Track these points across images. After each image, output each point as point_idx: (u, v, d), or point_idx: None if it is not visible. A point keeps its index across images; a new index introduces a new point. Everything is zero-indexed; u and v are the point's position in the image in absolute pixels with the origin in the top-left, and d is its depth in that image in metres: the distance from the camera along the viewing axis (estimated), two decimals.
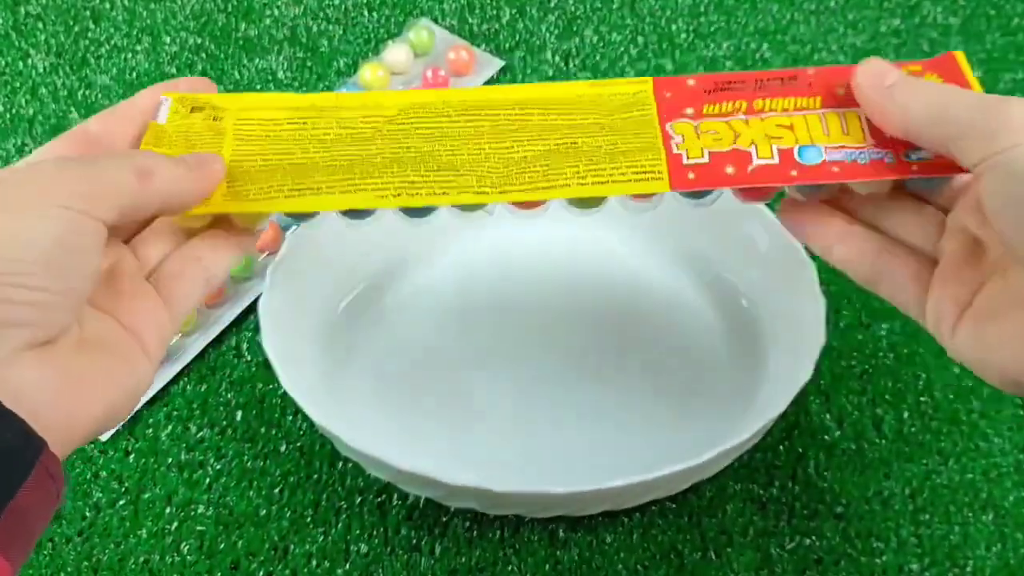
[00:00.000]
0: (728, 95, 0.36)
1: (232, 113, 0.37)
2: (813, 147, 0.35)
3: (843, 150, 0.35)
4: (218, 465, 0.48)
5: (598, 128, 0.36)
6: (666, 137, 0.36)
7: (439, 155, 0.36)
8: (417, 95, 0.38)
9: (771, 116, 0.36)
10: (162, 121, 0.36)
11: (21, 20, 0.69)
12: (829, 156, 0.35)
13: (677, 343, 0.50)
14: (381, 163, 0.36)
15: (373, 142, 0.36)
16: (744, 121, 0.36)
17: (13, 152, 0.61)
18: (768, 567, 0.44)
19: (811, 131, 0.35)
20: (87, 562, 0.45)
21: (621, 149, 0.35)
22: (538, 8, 0.69)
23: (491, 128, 0.36)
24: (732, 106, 0.36)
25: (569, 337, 0.51)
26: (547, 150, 0.36)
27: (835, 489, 0.47)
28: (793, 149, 0.35)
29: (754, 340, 0.49)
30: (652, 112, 0.36)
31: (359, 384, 0.49)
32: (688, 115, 0.36)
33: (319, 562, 0.45)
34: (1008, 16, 0.68)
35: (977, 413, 0.49)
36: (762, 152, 0.35)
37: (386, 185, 0.35)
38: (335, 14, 0.69)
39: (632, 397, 0.48)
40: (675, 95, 0.37)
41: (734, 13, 0.68)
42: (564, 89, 0.37)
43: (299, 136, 0.37)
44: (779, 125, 0.36)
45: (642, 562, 0.45)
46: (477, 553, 0.45)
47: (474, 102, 0.37)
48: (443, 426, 0.47)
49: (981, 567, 0.44)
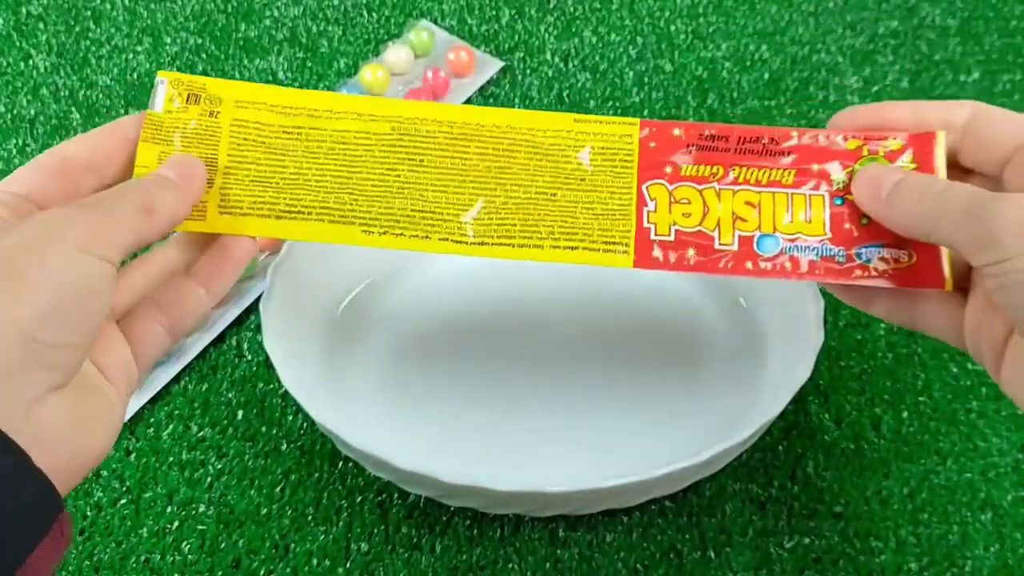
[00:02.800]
0: (708, 157, 0.38)
1: (228, 107, 0.37)
2: (772, 236, 0.37)
3: (798, 243, 0.37)
4: (219, 464, 0.48)
5: (578, 180, 0.37)
6: (640, 202, 0.37)
7: (425, 190, 0.37)
8: (410, 108, 0.38)
9: (743, 190, 0.37)
10: (158, 108, 0.37)
11: (22, 20, 0.69)
12: (786, 248, 0.36)
13: (676, 343, 0.50)
14: (370, 191, 0.37)
15: (364, 163, 0.37)
16: (716, 192, 0.37)
17: (14, 152, 0.61)
18: (767, 566, 0.44)
19: (776, 215, 0.37)
20: (88, 561, 0.45)
21: (596, 210, 0.37)
22: (537, 9, 0.69)
23: (478, 160, 0.37)
24: (709, 171, 0.37)
25: (569, 337, 0.51)
26: (527, 198, 0.37)
27: (834, 489, 0.47)
28: (754, 237, 0.37)
29: (753, 340, 0.49)
30: (633, 166, 0.38)
31: (359, 384, 0.49)
32: (666, 175, 0.37)
33: (320, 560, 0.45)
34: (1006, 18, 0.68)
35: (976, 413, 0.49)
36: (724, 238, 0.37)
37: (373, 220, 0.37)
38: (335, 15, 0.69)
39: (632, 397, 0.48)
40: (659, 146, 0.38)
41: (733, 14, 0.68)
42: (552, 120, 0.38)
43: (292, 147, 0.37)
44: (747, 203, 0.37)
45: (642, 561, 0.45)
46: (477, 552, 0.45)
47: (464, 126, 0.38)
48: (443, 425, 0.48)
49: (979, 567, 0.44)
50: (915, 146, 0.36)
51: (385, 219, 0.37)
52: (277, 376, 0.44)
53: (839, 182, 0.37)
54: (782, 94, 0.63)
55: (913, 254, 0.36)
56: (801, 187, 0.37)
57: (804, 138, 0.37)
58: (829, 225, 0.36)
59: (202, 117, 0.37)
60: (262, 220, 0.36)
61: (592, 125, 0.38)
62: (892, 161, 0.36)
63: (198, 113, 0.37)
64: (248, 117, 0.37)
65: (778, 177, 0.37)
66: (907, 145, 0.36)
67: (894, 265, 0.36)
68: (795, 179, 0.37)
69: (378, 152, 0.37)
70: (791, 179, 0.37)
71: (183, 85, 0.37)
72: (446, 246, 0.36)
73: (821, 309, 0.45)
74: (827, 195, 0.37)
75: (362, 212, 0.37)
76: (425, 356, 0.50)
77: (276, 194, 0.37)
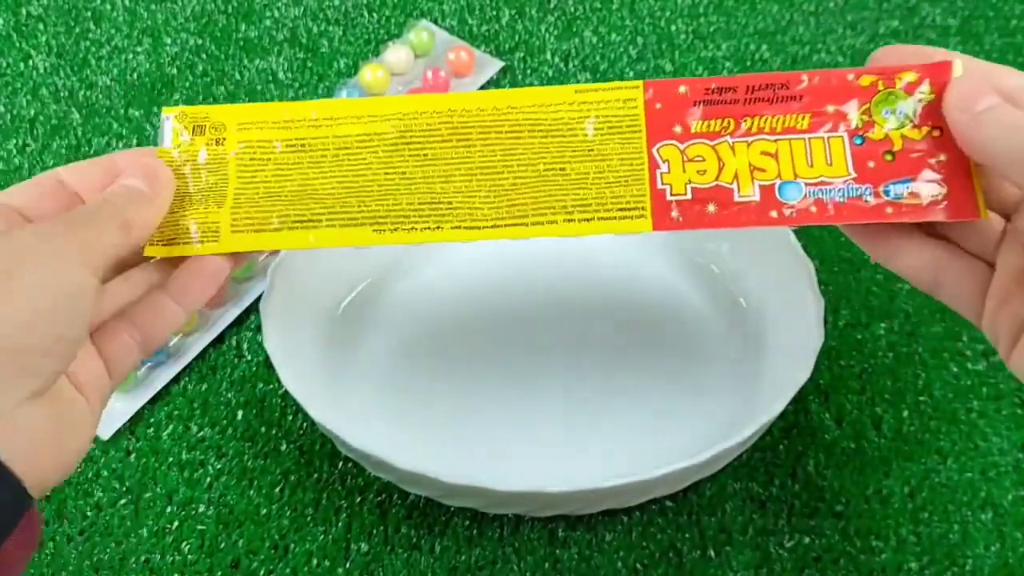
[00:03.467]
0: (718, 111, 0.36)
1: (232, 132, 0.38)
2: (794, 183, 0.35)
3: (823, 186, 0.35)
4: (219, 464, 0.48)
5: (586, 151, 0.37)
6: (652, 165, 0.36)
7: (433, 183, 0.37)
8: (409, 103, 0.38)
9: (757, 140, 0.36)
10: (167, 145, 0.38)
11: (22, 21, 0.69)
12: (810, 193, 0.35)
13: (677, 342, 0.50)
14: (377, 192, 0.37)
15: (369, 166, 0.37)
16: (730, 146, 0.36)
17: (14, 152, 0.61)
18: (767, 565, 0.44)
19: (795, 161, 0.36)
20: (88, 561, 0.45)
21: (608, 179, 0.36)
22: (538, 9, 0.69)
23: (483, 146, 0.37)
24: (720, 125, 0.36)
25: (568, 336, 0.51)
26: (536, 176, 0.37)
27: (834, 488, 0.47)
28: (774, 185, 0.35)
29: (753, 339, 0.49)
30: (641, 130, 0.37)
31: (359, 384, 0.49)
32: (676, 135, 0.36)
33: (319, 561, 0.45)
34: (1006, 17, 0.68)
35: (976, 412, 0.49)
36: (744, 190, 0.35)
37: (383, 219, 0.37)
38: (335, 15, 0.69)
39: (632, 396, 0.48)
40: (665, 106, 0.37)
41: (733, 14, 0.68)
42: (552, 94, 0.38)
43: (297, 160, 0.38)
44: (764, 152, 0.36)
45: (642, 560, 0.45)
46: (477, 552, 0.45)
47: (465, 113, 0.38)
48: (443, 425, 0.48)
49: (980, 566, 0.44)
50: (931, 76, 0.35)
51: (395, 216, 0.37)
52: (277, 376, 0.44)
53: (857, 121, 0.36)
54: None
55: (944, 185, 0.34)
56: (818, 130, 0.36)
57: (815, 80, 0.36)
58: (852, 165, 0.35)
59: (209, 145, 0.38)
60: (273, 234, 0.37)
61: (594, 94, 0.37)
62: (910, 94, 0.35)
63: (205, 143, 0.38)
64: (252, 137, 0.38)
65: (793, 123, 0.36)
66: (922, 76, 0.35)
67: (926, 199, 0.35)
68: (811, 122, 0.36)
69: (382, 153, 0.37)
70: (806, 123, 0.36)
71: (187, 117, 0.38)
72: (459, 234, 0.36)
73: (821, 309, 0.45)
74: (846, 135, 0.35)
75: (371, 212, 0.37)
76: (425, 356, 0.50)
77: (285, 207, 0.37)
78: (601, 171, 0.36)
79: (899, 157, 0.35)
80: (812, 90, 0.36)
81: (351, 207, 0.37)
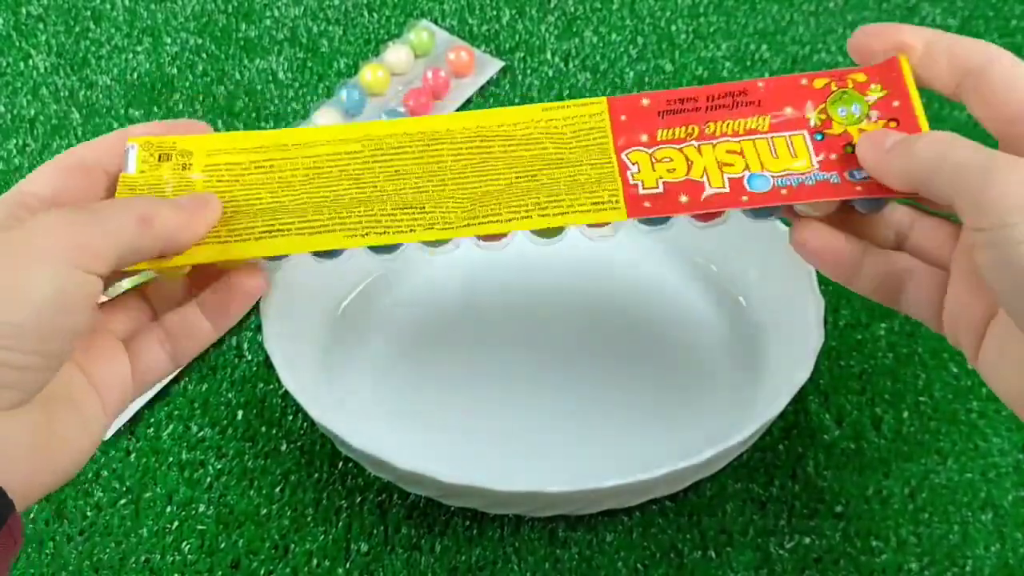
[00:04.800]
0: (681, 119, 0.37)
1: (200, 159, 0.38)
2: (762, 175, 0.36)
3: (791, 176, 0.36)
4: (219, 464, 0.48)
5: (557, 159, 0.37)
6: (622, 167, 0.37)
7: (405, 193, 0.37)
8: (379, 127, 0.38)
9: (722, 141, 0.37)
10: (131, 171, 0.37)
11: (22, 21, 0.69)
12: (778, 182, 0.36)
13: (676, 342, 0.50)
14: (348, 203, 0.37)
15: (340, 182, 0.37)
16: (696, 148, 0.37)
17: (15, 152, 0.61)
18: (768, 566, 0.44)
19: (760, 157, 0.36)
20: (88, 561, 0.45)
21: (579, 181, 0.37)
22: (538, 9, 0.69)
23: (453, 162, 0.37)
24: (685, 131, 0.37)
25: (568, 336, 0.51)
26: (508, 184, 0.37)
27: (834, 488, 0.47)
28: (743, 177, 0.36)
29: (753, 339, 0.49)
30: (608, 139, 0.37)
31: (359, 384, 0.49)
32: (643, 142, 0.37)
33: (320, 561, 0.45)
34: (1006, 17, 0.68)
35: (976, 413, 0.49)
36: (714, 182, 0.36)
37: (355, 225, 0.36)
38: (335, 15, 0.69)
39: (632, 396, 0.48)
40: (630, 118, 0.38)
41: (733, 14, 0.68)
42: (520, 114, 0.38)
43: (266, 179, 0.37)
44: (729, 151, 0.37)
45: (642, 561, 0.45)
46: (477, 552, 0.45)
47: (435, 134, 0.38)
48: (443, 425, 0.48)
49: (980, 566, 0.44)
50: (880, 75, 0.36)
51: (367, 221, 0.36)
52: (277, 376, 0.44)
53: (815, 120, 0.37)
54: None
55: None
56: (780, 131, 0.37)
57: (771, 86, 0.37)
58: (815, 157, 0.36)
59: (175, 171, 0.37)
60: (239, 244, 0.36)
61: (561, 111, 0.38)
62: (862, 93, 0.36)
63: (171, 169, 0.37)
64: (219, 161, 0.38)
65: (754, 125, 0.37)
66: (872, 76, 0.37)
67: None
68: (771, 124, 0.37)
69: (352, 170, 0.37)
70: (767, 125, 0.37)
71: (152, 147, 0.37)
72: (432, 233, 0.36)
73: (821, 309, 0.45)
74: (806, 133, 0.37)
75: (342, 220, 0.36)
76: (425, 356, 0.50)
77: (252, 220, 0.36)
78: (573, 176, 0.37)
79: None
80: (769, 95, 0.37)
81: (322, 216, 0.36)
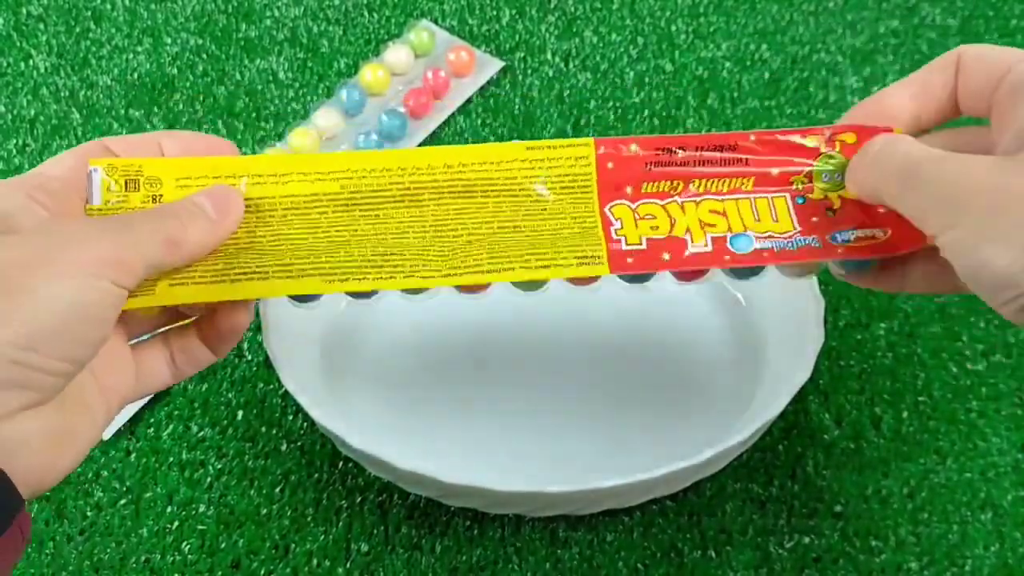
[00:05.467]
0: (667, 174, 0.37)
1: (170, 189, 0.36)
2: (744, 235, 0.36)
3: (772, 239, 0.36)
4: (219, 464, 0.48)
5: (539, 210, 0.37)
6: (606, 223, 0.37)
7: (385, 239, 0.36)
8: (355, 160, 0.37)
9: (705, 199, 0.37)
10: (96, 202, 0.35)
11: (23, 21, 0.69)
12: (759, 244, 0.36)
13: (676, 342, 0.50)
14: (327, 246, 0.36)
15: (319, 225, 0.36)
16: (680, 206, 0.37)
17: (15, 152, 0.61)
18: (767, 566, 0.44)
19: (743, 218, 0.37)
20: (88, 561, 0.45)
21: (563, 234, 0.36)
22: (538, 9, 0.69)
23: (435, 206, 0.37)
24: (669, 186, 0.37)
25: (569, 337, 0.51)
26: (491, 233, 0.36)
27: (834, 488, 0.47)
28: (726, 237, 0.36)
29: (753, 340, 0.49)
30: (592, 191, 0.37)
31: (359, 384, 0.49)
32: (627, 195, 0.37)
33: (320, 561, 0.45)
34: (1006, 17, 0.68)
35: (975, 413, 0.49)
36: (696, 239, 0.36)
37: (333, 270, 0.35)
38: (335, 15, 0.69)
39: (632, 396, 0.48)
40: (616, 166, 0.37)
41: (733, 14, 0.68)
42: (504, 151, 0.37)
43: (244, 220, 0.36)
44: (712, 211, 0.37)
45: (642, 560, 0.45)
46: (478, 552, 0.45)
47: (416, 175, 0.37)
48: (443, 425, 0.48)
49: (979, 566, 0.44)
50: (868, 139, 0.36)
51: (345, 267, 0.35)
52: (277, 376, 0.44)
53: (798, 184, 0.37)
54: (782, 94, 0.63)
55: (887, 230, 0.36)
56: (762, 192, 0.37)
57: (761, 141, 0.37)
58: (796, 221, 0.36)
59: (145, 203, 0.35)
60: (212, 286, 0.34)
61: (545, 151, 0.37)
62: (848, 156, 0.36)
63: (140, 200, 0.35)
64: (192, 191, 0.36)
65: (738, 185, 0.37)
66: (862, 138, 0.36)
67: (871, 242, 0.36)
68: (754, 185, 0.37)
69: (332, 214, 0.36)
70: (750, 186, 0.37)
71: (117, 171, 0.35)
72: (412, 281, 0.35)
73: (821, 309, 0.45)
74: (788, 196, 0.37)
75: (320, 265, 0.35)
76: (425, 356, 0.50)
77: (229, 261, 0.35)
78: (556, 229, 0.37)
79: (839, 213, 0.36)
80: (757, 152, 0.37)
81: (301, 259, 0.35)
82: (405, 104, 0.62)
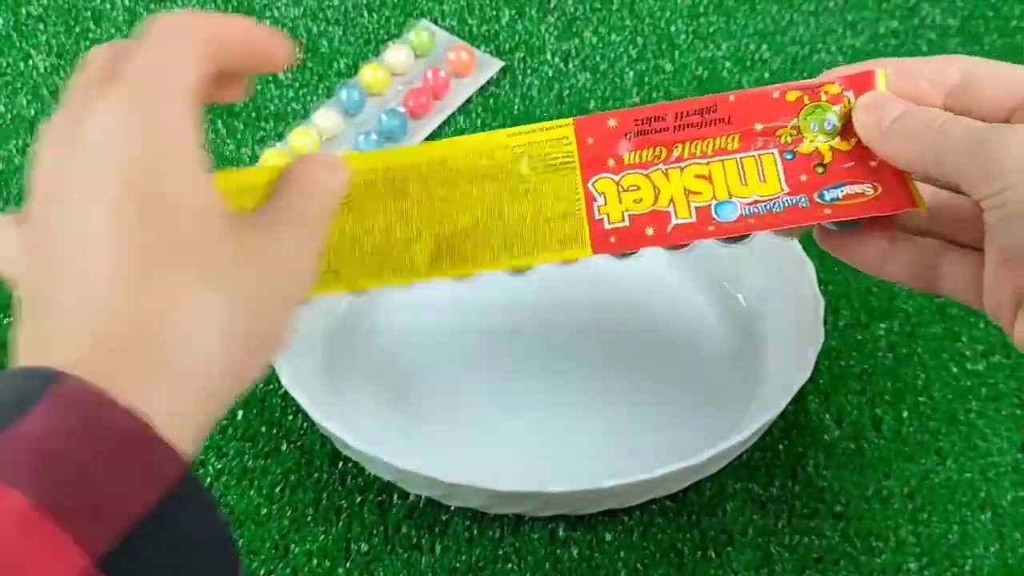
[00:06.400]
0: (649, 140, 0.37)
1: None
2: (729, 203, 0.36)
3: (758, 203, 0.36)
4: (219, 464, 0.48)
5: (523, 192, 0.37)
6: (589, 199, 0.36)
7: (374, 235, 0.36)
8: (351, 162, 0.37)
9: (690, 164, 0.36)
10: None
11: (22, 21, 0.69)
12: (745, 211, 0.36)
13: (676, 342, 0.50)
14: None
15: None
16: (664, 173, 0.36)
17: (15, 152, 0.61)
18: (768, 566, 0.44)
19: (729, 182, 0.36)
20: None
21: (546, 216, 0.36)
22: (538, 9, 0.69)
23: (420, 197, 0.37)
24: (652, 154, 0.37)
25: (569, 337, 0.51)
26: (475, 223, 0.37)
27: (834, 488, 0.47)
28: (710, 206, 0.36)
29: (753, 340, 0.49)
30: (575, 166, 0.37)
31: (359, 384, 0.49)
32: (610, 167, 0.37)
33: (320, 561, 0.45)
34: (1006, 17, 0.68)
35: (975, 413, 0.49)
36: (680, 212, 0.36)
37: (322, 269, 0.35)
38: (335, 15, 0.69)
39: (631, 396, 0.48)
40: (597, 140, 0.37)
41: (733, 14, 0.68)
42: (486, 141, 0.37)
43: None
44: (697, 176, 0.36)
45: (642, 560, 0.45)
46: (477, 552, 0.45)
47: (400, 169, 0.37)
48: (443, 425, 0.48)
49: (979, 566, 0.44)
50: (854, 87, 0.36)
51: (335, 265, 0.36)
52: (277, 376, 0.44)
53: (786, 137, 0.36)
54: None
55: (878, 185, 0.35)
56: (749, 150, 0.36)
57: (742, 100, 0.37)
58: (784, 180, 0.36)
59: None
60: None
61: (527, 136, 0.37)
62: (835, 105, 0.36)
63: None
64: None
65: (723, 144, 0.36)
66: (845, 87, 0.36)
67: (860, 200, 0.35)
68: (740, 143, 0.36)
69: None
70: (736, 144, 0.36)
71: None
72: (400, 278, 0.36)
73: (821, 309, 0.45)
74: (777, 151, 0.36)
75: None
76: (425, 357, 0.50)
77: None
78: (539, 210, 0.37)
79: (830, 168, 0.36)
80: (739, 110, 0.37)
81: None
82: (405, 104, 0.62)
